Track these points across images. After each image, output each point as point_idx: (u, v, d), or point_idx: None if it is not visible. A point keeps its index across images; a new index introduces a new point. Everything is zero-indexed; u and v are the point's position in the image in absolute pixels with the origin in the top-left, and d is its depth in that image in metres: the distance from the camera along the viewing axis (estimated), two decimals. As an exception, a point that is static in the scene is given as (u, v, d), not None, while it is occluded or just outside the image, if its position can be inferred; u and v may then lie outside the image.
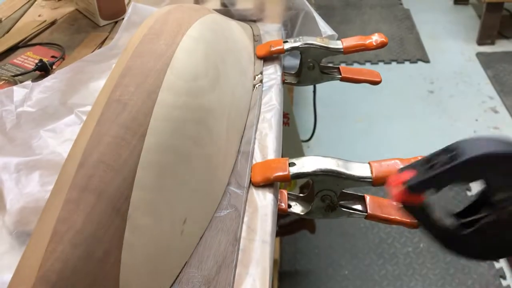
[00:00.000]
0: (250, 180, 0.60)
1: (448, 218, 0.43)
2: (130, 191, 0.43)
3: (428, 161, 0.42)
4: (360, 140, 2.11)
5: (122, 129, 0.45)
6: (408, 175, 0.41)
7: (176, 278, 0.49)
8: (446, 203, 1.77)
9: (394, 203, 0.42)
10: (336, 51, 0.80)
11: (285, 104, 0.84)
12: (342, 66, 0.84)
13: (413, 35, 2.68)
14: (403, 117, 2.22)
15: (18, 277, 0.38)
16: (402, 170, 0.43)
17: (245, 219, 0.55)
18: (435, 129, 2.15)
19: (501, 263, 1.70)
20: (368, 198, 0.63)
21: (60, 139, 0.59)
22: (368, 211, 0.62)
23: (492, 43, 2.53)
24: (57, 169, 0.56)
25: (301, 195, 0.65)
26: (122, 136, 0.44)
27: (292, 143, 1.54)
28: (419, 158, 0.43)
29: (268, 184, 0.60)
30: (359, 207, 0.63)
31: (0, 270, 0.49)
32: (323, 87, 1.28)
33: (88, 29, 0.93)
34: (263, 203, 0.57)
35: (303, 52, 0.81)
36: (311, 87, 1.61)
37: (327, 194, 0.60)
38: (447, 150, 0.40)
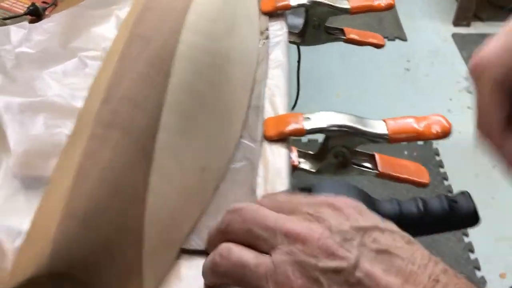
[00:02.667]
0: (263, 134, 0.58)
1: None
2: (156, 132, 0.41)
3: None
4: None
5: (147, 66, 0.42)
6: None
7: (194, 228, 0.47)
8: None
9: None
10: (343, 11, 0.78)
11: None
12: (346, 27, 0.83)
13: (391, 14, 2.68)
14: (380, 93, 2.23)
15: (43, 213, 0.35)
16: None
17: (259, 172, 0.54)
18: (410, 107, 2.17)
19: (470, 238, 1.75)
20: (377, 156, 0.63)
21: (64, 82, 0.56)
22: (379, 169, 0.61)
23: (468, 24, 2.56)
24: (62, 112, 0.53)
25: (310, 152, 0.63)
26: (147, 73, 0.42)
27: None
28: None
29: (281, 139, 0.58)
30: (369, 165, 0.62)
31: (4, 213, 0.46)
32: (302, 61, 1.26)
33: (81, -25, 0.88)
34: (277, 158, 0.56)
35: (309, 9, 0.79)
36: (295, 57, 1.60)
37: (341, 150, 0.59)
38: (303, 189, 0.45)
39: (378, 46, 0.82)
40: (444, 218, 0.48)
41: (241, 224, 0.34)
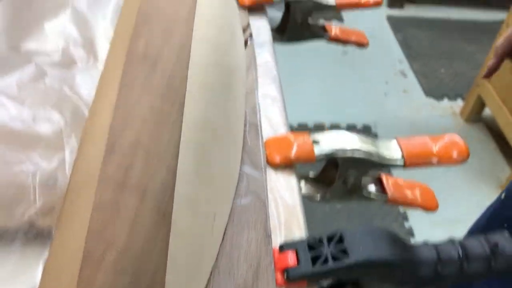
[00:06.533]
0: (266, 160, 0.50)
1: None
2: (174, 185, 0.31)
3: (311, 248, 0.40)
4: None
5: (158, 97, 0.32)
6: (291, 260, 0.40)
7: (205, 291, 0.38)
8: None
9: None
10: (328, 7, 0.70)
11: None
12: (328, 24, 0.75)
13: (327, -7, 2.64)
14: (318, 76, 2.20)
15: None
16: (283, 249, 0.41)
17: (269, 210, 0.45)
18: (348, 91, 2.17)
19: (410, 222, 1.78)
20: (384, 178, 0.57)
21: (20, 99, 0.44)
22: (389, 195, 0.55)
23: (401, 6, 2.59)
24: (23, 141, 0.41)
25: (310, 176, 0.56)
26: (159, 107, 0.32)
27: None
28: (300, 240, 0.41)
29: (288, 165, 0.50)
30: (377, 189, 0.56)
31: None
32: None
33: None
34: (287, 190, 0.48)
35: (291, 4, 0.70)
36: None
37: (351, 175, 0.52)
38: (330, 239, 0.40)
39: (362, 44, 0.75)
40: (486, 263, 0.43)
41: None
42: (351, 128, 1.97)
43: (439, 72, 2.30)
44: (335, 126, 1.96)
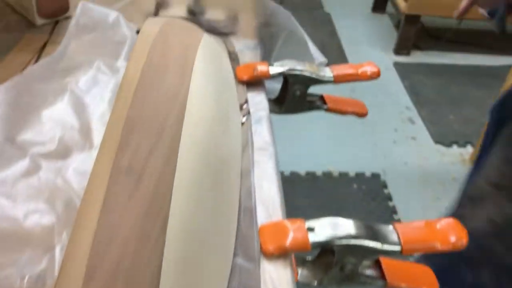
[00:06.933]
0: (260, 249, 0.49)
1: None
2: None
3: None
4: (282, 147, 2.05)
5: (140, 217, 0.32)
6: None
7: None
8: None
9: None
10: (326, 80, 0.71)
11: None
12: (326, 94, 0.76)
13: (334, 41, 2.67)
14: (326, 124, 2.20)
15: None
16: None
17: (262, 303, 0.45)
18: (356, 139, 2.16)
19: (394, 202, 1.77)
20: (383, 262, 0.55)
21: (13, 194, 0.44)
22: (388, 279, 0.54)
23: (408, 53, 2.60)
24: (13, 242, 0.41)
25: (308, 259, 0.55)
26: (141, 229, 0.32)
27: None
28: None
29: (282, 254, 0.49)
30: (375, 273, 0.54)
31: None
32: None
33: (21, 28, 0.74)
34: (280, 282, 0.47)
35: (289, 78, 0.70)
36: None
37: (349, 262, 0.51)
38: None
39: (361, 115, 0.75)
40: None
41: None
42: (359, 176, 1.95)
43: (448, 118, 2.29)
44: (343, 175, 1.95)
